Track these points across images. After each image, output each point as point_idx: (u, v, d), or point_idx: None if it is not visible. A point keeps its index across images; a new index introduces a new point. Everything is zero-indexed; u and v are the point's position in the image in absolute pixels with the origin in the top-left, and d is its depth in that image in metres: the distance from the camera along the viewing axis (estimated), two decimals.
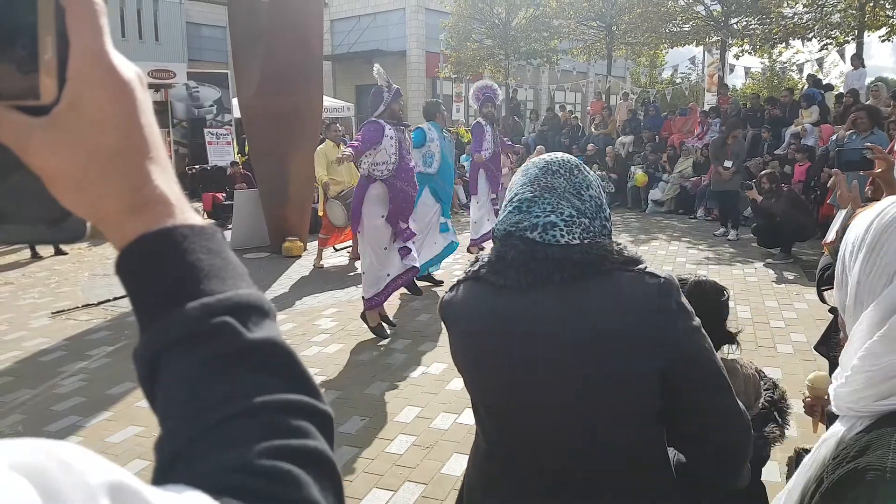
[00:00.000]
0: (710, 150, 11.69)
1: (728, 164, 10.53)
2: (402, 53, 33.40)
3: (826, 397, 2.00)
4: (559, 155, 1.46)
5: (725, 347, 1.98)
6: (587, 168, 1.47)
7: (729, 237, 10.46)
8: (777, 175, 9.74)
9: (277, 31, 8.64)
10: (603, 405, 1.28)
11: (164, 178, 0.52)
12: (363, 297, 5.82)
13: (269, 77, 8.73)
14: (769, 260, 8.83)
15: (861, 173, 2.72)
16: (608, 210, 1.44)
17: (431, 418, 4.23)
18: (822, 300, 2.78)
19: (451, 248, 7.67)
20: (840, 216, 2.71)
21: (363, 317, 5.85)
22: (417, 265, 6.01)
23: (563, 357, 1.27)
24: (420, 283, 7.34)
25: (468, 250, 8.40)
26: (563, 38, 23.42)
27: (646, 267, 1.34)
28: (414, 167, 5.93)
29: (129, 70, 0.50)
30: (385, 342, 5.70)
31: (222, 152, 14.89)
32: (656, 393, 1.26)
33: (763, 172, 9.80)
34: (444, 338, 5.78)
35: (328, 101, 17.42)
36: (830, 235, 2.76)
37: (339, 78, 35.42)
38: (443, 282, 7.45)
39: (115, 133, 0.49)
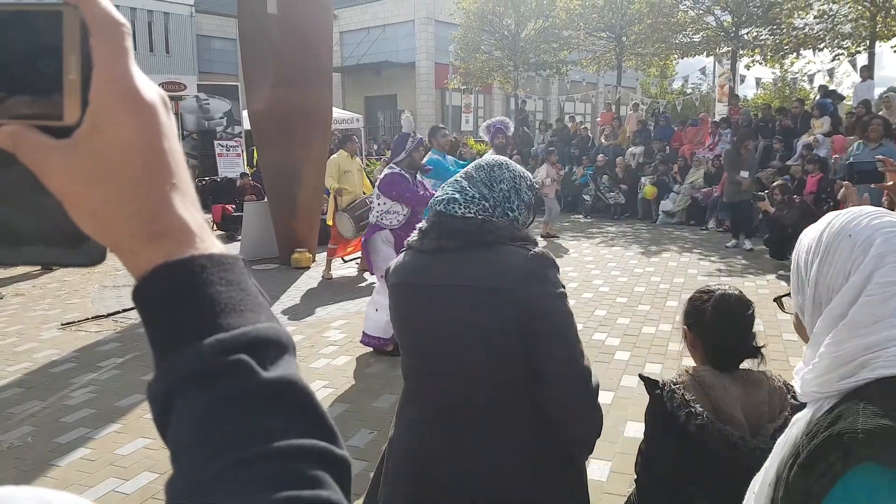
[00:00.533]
0: (723, 160, 11.64)
1: (744, 174, 10.50)
2: (412, 65, 33.57)
3: None
4: (496, 157, 1.85)
5: (747, 362, 1.95)
6: (517, 170, 1.82)
7: (744, 246, 10.39)
8: (789, 186, 9.67)
9: (288, 43, 8.68)
10: (481, 346, 1.63)
11: (186, 205, 0.50)
12: (365, 333, 5.64)
13: (279, 89, 8.77)
14: (781, 272, 8.77)
15: (872, 186, 2.70)
16: (516, 205, 1.77)
17: None
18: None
19: None
20: None
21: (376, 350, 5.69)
22: None
23: (454, 306, 1.66)
24: None
25: None
26: (573, 49, 23.47)
27: (527, 245, 1.68)
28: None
29: (153, 93, 0.49)
30: (393, 355, 5.67)
31: (232, 164, 14.97)
32: (515, 339, 1.61)
33: (775, 184, 9.71)
34: None
35: (337, 113, 17.51)
36: None
37: (349, 89, 35.61)
38: None
39: (136, 158, 0.48)
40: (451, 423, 1.70)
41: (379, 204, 5.69)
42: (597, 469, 3.71)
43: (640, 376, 2.07)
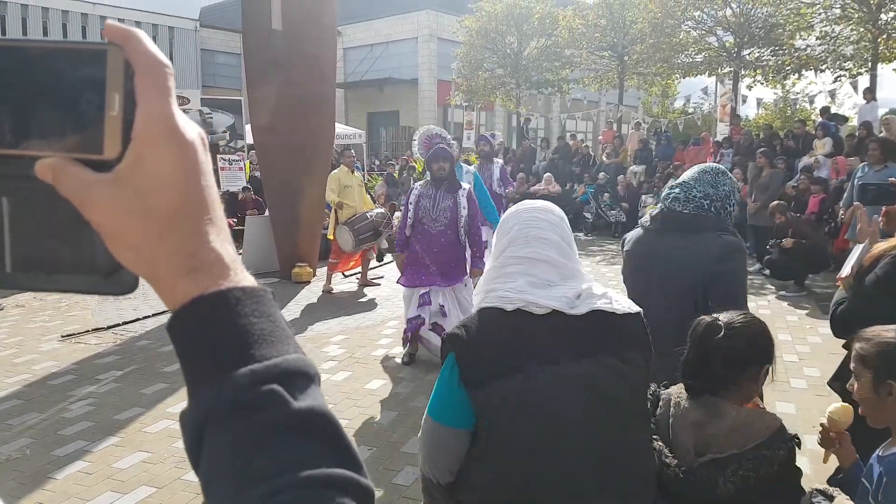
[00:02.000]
0: (750, 181, 11.70)
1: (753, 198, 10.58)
2: (414, 81, 33.77)
3: (846, 431, 1.93)
4: (719, 165, 2.79)
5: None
6: (734, 179, 2.72)
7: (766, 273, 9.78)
8: (785, 204, 9.55)
9: (292, 59, 8.73)
10: (680, 293, 2.57)
11: (220, 239, 0.53)
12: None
13: (282, 104, 8.81)
14: (782, 292, 8.77)
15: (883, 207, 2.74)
16: (733, 203, 2.67)
17: None
18: (836, 335, 2.74)
19: None
20: (856, 251, 2.70)
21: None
22: (425, 318, 5.69)
23: (669, 268, 2.59)
24: None
25: None
26: (575, 68, 23.59)
27: (725, 234, 2.58)
28: (435, 232, 5.61)
29: (193, 131, 0.51)
30: (393, 371, 5.67)
31: (234, 178, 15.00)
32: (700, 292, 2.53)
33: (772, 205, 9.52)
34: None
35: (340, 129, 17.56)
36: (845, 270, 2.74)
37: (351, 105, 35.80)
38: None
39: (175, 194, 0.50)
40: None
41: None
42: None
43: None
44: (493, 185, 8.59)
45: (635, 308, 1.77)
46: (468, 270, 5.70)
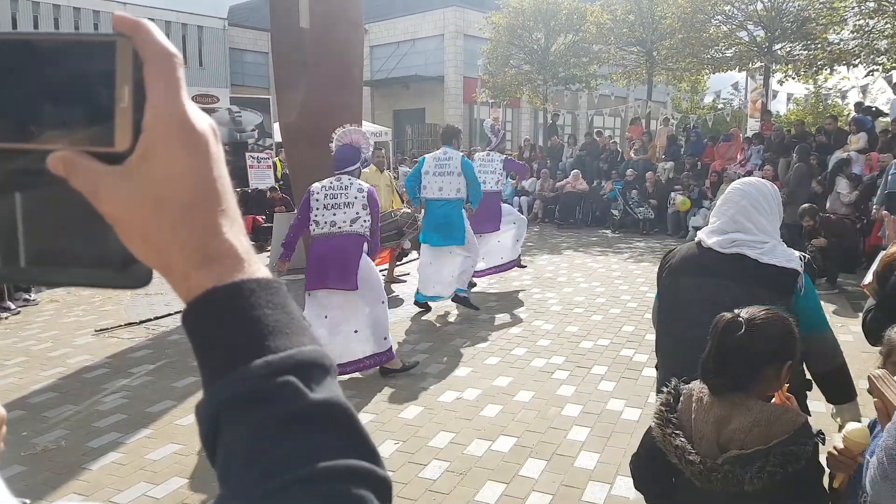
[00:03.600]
0: (794, 177, 11.56)
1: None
2: (440, 78, 33.75)
3: (860, 454, 1.82)
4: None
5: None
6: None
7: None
8: (815, 207, 9.35)
9: (320, 57, 8.78)
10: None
11: (234, 230, 0.52)
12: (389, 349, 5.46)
13: (310, 102, 8.87)
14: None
15: None
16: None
17: (465, 444, 4.21)
18: (870, 343, 2.69)
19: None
20: (878, 259, 2.68)
21: (387, 371, 5.49)
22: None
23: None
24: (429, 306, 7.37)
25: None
26: (603, 64, 23.40)
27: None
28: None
29: (204, 122, 0.51)
30: (420, 366, 5.69)
31: (263, 176, 15.15)
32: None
33: (801, 209, 9.24)
34: (477, 362, 5.76)
35: (366, 126, 17.61)
36: (868, 278, 2.72)
37: (377, 103, 35.90)
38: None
39: (187, 186, 0.50)
40: None
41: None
42: (622, 485, 3.68)
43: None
44: (487, 185, 8.21)
45: (791, 265, 2.39)
46: None
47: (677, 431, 1.87)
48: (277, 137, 12.98)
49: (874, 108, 14.86)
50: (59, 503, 3.37)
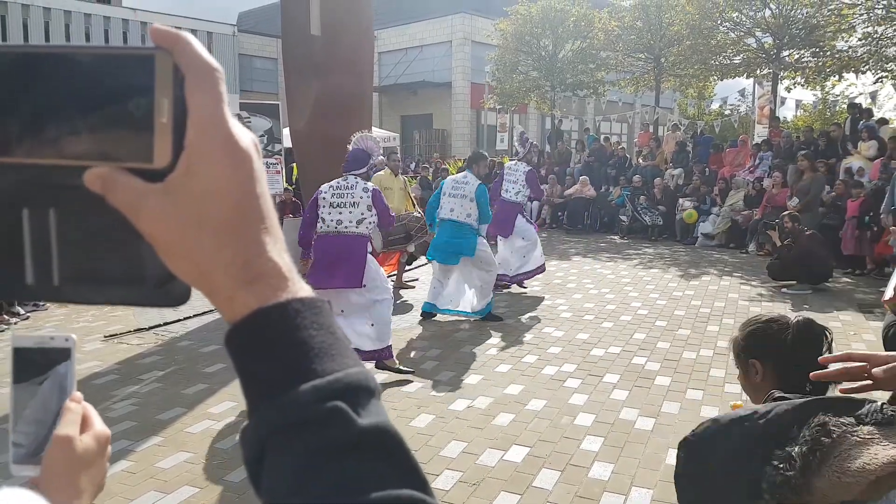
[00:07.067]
0: (791, 183, 11.89)
1: (794, 201, 10.48)
2: (448, 85, 33.85)
3: None
4: None
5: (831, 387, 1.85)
6: None
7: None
8: (798, 215, 9.88)
9: (330, 64, 8.80)
10: None
11: (277, 249, 0.51)
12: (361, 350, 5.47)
13: (320, 108, 8.88)
14: (784, 290, 9.10)
15: None
16: None
17: (478, 454, 4.17)
18: None
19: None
20: None
21: (384, 366, 5.62)
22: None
23: None
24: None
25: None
26: (611, 70, 23.41)
27: None
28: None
29: (247, 138, 0.49)
30: (431, 373, 5.66)
31: (272, 181, 15.13)
32: None
33: (785, 213, 9.98)
34: (488, 370, 5.74)
35: (375, 132, 17.66)
36: (888, 293, 2.68)
37: (385, 109, 36.00)
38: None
39: (230, 204, 0.48)
40: None
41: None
42: (637, 497, 3.64)
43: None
44: (508, 194, 8.52)
45: None
46: None
47: None
48: (287, 143, 13.02)
49: (860, 106, 14.90)
50: None
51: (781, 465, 1.45)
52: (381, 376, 5.61)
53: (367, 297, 5.47)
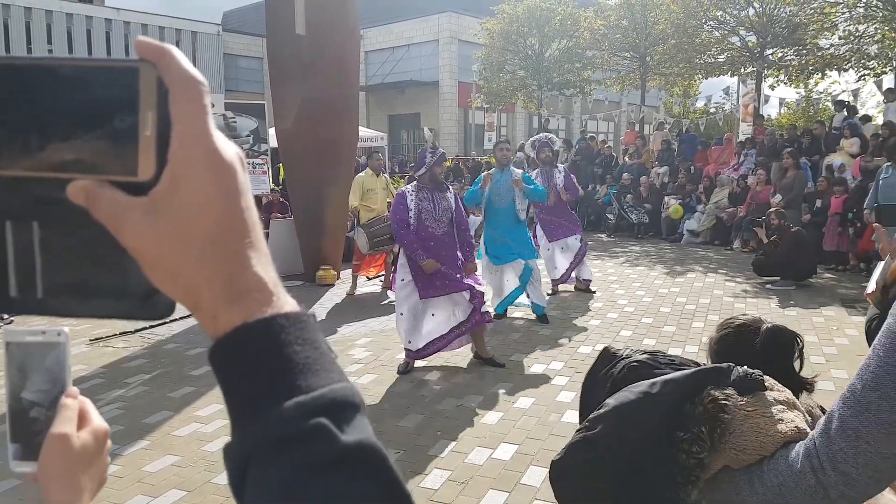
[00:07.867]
0: (774, 181, 12.13)
1: (777, 198, 10.56)
2: (435, 84, 33.84)
3: None
4: None
5: (803, 395, 1.89)
6: None
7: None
8: (784, 212, 10.00)
9: (316, 63, 8.79)
10: None
11: (261, 262, 0.50)
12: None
13: (306, 108, 8.87)
14: (769, 286, 9.16)
15: None
16: None
17: (466, 453, 4.19)
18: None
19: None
20: (879, 267, 2.67)
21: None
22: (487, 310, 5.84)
23: None
24: None
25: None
26: (597, 69, 23.50)
27: None
28: (440, 234, 5.70)
29: (231, 151, 0.49)
30: (419, 373, 5.67)
31: (258, 182, 15.07)
32: None
33: (771, 209, 10.10)
34: (476, 368, 5.75)
35: (361, 131, 17.63)
36: (871, 286, 2.71)
37: (373, 108, 35.94)
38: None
39: (215, 217, 0.48)
40: None
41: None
42: None
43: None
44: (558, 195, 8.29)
45: None
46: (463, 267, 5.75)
47: None
48: (273, 143, 12.97)
49: (847, 103, 15.04)
50: None
51: (694, 448, 1.53)
52: (368, 377, 5.62)
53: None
